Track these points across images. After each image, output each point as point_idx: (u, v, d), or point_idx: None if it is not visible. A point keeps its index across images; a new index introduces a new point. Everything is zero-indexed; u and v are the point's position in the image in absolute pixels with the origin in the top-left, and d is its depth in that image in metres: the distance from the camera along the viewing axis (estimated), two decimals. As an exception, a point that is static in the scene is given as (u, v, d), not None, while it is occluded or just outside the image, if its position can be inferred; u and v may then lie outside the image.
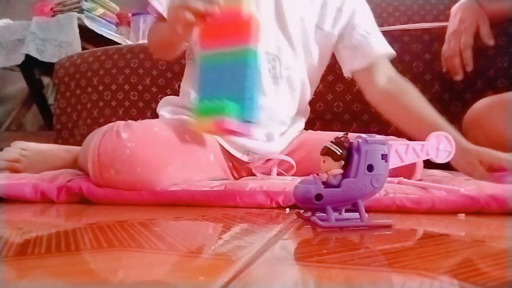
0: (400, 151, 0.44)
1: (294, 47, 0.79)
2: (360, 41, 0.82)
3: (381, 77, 0.82)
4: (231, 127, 0.50)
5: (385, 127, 1.08)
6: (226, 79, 0.54)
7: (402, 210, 0.50)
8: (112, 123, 0.61)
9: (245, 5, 0.55)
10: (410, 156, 0.45)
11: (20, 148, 0.85)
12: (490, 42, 0.95)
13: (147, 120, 0.70)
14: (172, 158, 0.62)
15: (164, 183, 0.60)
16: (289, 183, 0.59)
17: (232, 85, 0.54)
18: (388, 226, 0.42)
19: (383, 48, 0.84)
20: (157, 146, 0.60)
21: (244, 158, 0.78)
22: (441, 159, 0.47)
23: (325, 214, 0.41)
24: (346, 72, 0.87)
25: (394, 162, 0.43)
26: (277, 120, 0.80)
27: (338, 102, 1.13)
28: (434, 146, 0.46)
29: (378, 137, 0.43)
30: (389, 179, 0.63)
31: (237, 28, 0.55)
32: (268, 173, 0.77)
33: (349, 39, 0.82)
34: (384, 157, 0.42)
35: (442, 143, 0.46)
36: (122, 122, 0.61)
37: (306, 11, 0.79)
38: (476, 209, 0.50)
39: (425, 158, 0.46)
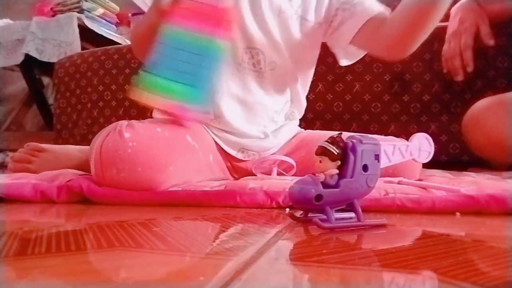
0: (388, 152, 0.45)
1: (275, 40, 0.76)
2: (353, 7, 0.75)
3: (383, 26, 0.73)
4: (174, 110, 0.50)
5: (385, 127, 1.09)
6: (185, 62, 0.53)
7: (402, 210, 0.50)
8: (115, 123, 0.61)
9: None
10: (397, 156, 0.46)
11: (33, 149, 0.85)
12: (490, 42, 0.95)
13: (149, 119, 0.70)
14: (173, 158, 0.62)
15: (165, 183, 0.60)
16: (289, 183, 0.59)
17: (188, 70, 0.52)
18: (383, 225, 0.42)
19: (379, 7, 0.76)
20: (159, 146, 0.61)
21: (239, 155, 0.78)
22: (422, 159, 0.48)
23: (320, 215, 0.41)
24: (343, 50, 0.80)
25: (382, 162, 0.43)
26: (266, 116, 0.79)
27: (338, 102, 1.13)
28: (416, 147, 0.47)
29: (369, 137, 0.43)
30: (389, 179, 0.64)
31: (210, 16, 0.54)
32: (269, 173, 0.77)
33: (340, 15, 0.76)
34: (377, 157, 0.42)
35: (423, 143, 0.47)
36: (125, 122, 0.61)
37: (286, 4, 0.76)
38: (476, 209, 0.50)
39: (409, 158, 0.47)
